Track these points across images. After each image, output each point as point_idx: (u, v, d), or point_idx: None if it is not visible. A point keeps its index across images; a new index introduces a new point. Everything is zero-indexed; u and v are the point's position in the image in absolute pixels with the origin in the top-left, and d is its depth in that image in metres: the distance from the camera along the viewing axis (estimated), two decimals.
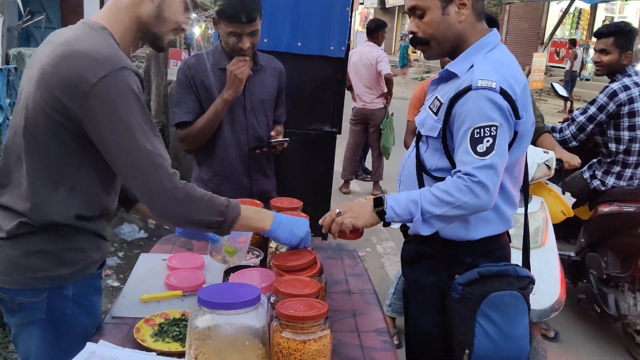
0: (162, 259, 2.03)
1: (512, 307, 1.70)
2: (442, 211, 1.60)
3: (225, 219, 1.52)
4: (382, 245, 5.04)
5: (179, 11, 1.56)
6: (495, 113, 1.58)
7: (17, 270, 1.47)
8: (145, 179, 1.41)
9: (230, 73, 2.31)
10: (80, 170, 1.47)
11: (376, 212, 1.70)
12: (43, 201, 1.45)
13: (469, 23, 1.72)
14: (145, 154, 1.40)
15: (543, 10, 19.22)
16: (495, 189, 1.59)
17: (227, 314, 1.24)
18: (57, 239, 1.48)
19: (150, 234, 4.78)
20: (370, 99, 6.20)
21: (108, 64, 1.37)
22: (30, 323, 1.51)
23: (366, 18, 30.10)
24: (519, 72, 1.69)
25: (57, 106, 1.38)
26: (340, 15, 3.75)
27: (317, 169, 3.90)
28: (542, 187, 3.25)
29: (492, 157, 1.57)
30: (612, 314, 3.30)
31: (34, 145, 1.44)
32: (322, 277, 1.64)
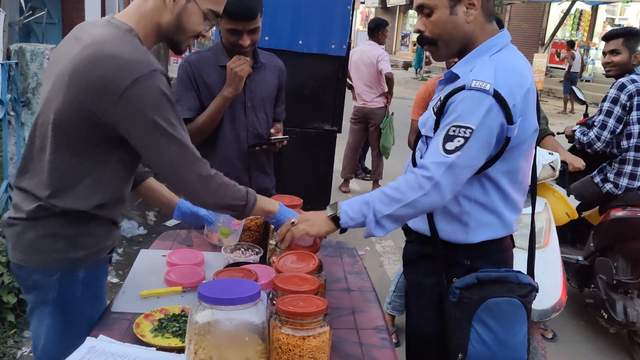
0: (162, 255, 2.03)
1: (509, 315, 1.66)
2: (392, 210, 1.58)
3: (247, 202, 1.67)
4: (381, 244, 5.04)
5: (198, 22, 1.60)
6: (476, 115, 1.54)
7: (34, 250, 1.55)
8: (184, 174, 1.54)
9: (230, 70, 2.31)
10: (107, 165, 1.55)
11: (331, 219, 1.67)
12: (66, 191, 1.52)
13: (478, 23, 1.67)
14: (180, 151, 1.51)
15: (544, 11, 19.23)
16: (448, 189, 1.56)
17: (227, 310, 1.24)
18: (73, 224, 1.55)
19: (149, 230, 4.79)
20: (371, 97, 6.20)
21: (138, 68, 1.43)
22: (42, 302, 1.59)
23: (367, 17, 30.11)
24: (524, 76, 1.64)
25: (89, 106, 1.44)
26: (341, 14, 3.76)
27: (317, 168, 3.91)
28: (546, 188, 3.26)
29: (456, 157, 1.54)
30: (619, 320, 3.24)
31: (63, 140, 1.50)
32: (321, 274, 1.64)
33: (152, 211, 5.17)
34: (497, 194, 1.69)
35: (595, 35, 18.34)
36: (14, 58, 3.13)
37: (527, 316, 1.70)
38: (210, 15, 1.61)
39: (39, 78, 3.16)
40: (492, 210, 1.70)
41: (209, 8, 1.59)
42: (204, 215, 2.01)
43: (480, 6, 1.65)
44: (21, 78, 3.14)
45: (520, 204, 1.77)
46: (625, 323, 3.24)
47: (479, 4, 1.65)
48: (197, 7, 1.57)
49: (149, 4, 1.56)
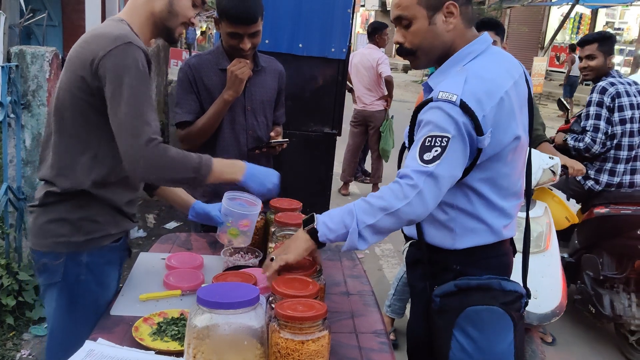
0: (161, 258, 2.03)
1: (491, 323, 1.63)
2: (375, 219, 1.52)
3: (197, 175, 1.65)
4: (380, 247, 5.04)
5: (187, 6, 1.74)
6: (449, 125, 1.52)
7: (43, 234, 1.69)
8: (128, 141, 1.56)
9: (230, 73, 2.31)
10: (101, 142, 1.64)
11: (308, 232, 1.58)
12: (68, 170, 1.64)
13: (458, 31, 1.65)
14: (133, 118, 1.55)
15: (544, 15, 19.25)
16: (431, 199, 1.52)
17: (226, 314, 1.24)
18: (76, 209, 1.67)
19: (149, 233, 4.79)
20: (371, 100, 6.22)
21: (116, 40, 1.56)
22: (50, 284, 1.71)
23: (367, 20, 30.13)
24: (499, 84, 1.58)
25: (80, 84, 1.59)
26: (341, 17, 3.75)
27: (316, 171, 3.90)
28: (546, 192, 3.26)
29: (435, 166, 1.50)
30: (607, 314, 3.34)
31: (62, 122, 1.64)
32: (321, 278, 1.64)
33: (151, 214, 5.17)
34: (480, 201, 1.65)
35: None
36: (14, 60, 3.13)
37: (514, 323, 1.66)
38: (198, 1, 1.76)
39: (39, 80, 3.16)
40: (477, 217, 1.67)
41: None
42: (215, 215, 2.03)
43: (460, 13, 1.63)
44: (21, 80, 3.14)
45: (509, 209, 1.71)
46: (612, 317, 3.35)
47: (458, 12, 1.62)
48: None
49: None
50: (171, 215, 5.19)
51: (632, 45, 15.82)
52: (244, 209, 1.95)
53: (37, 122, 3.21)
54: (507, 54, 1.74)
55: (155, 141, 1.57)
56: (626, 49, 16.67)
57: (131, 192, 1.77)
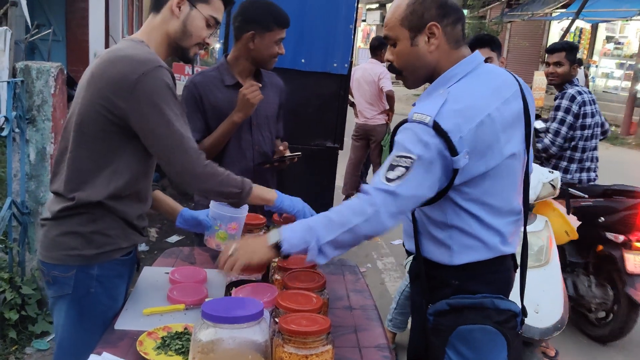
0: (165, 272, 2.04)
1: (484, 342, 1.62)
2: (335, 235, 1.53)
3: (242, 190, 1.81)
4: (382, 261, 5.04)
5: (201, 27, 1.78)
6: (416, 146, 1.51)
7: (55, 246, 1.71)
8: (180, 159, 1.68)
9: (242, 96, 2.33)
10: (122, 158, 1.70)
11: (272, 245, 1.59)
12: (86, 184, 1.68)
13: (443, 52, 1.63)
14: (179, 138, 1.66)
15: (544, 29, 19.33)
16: (388, 217, 1.52)
17: (230, 328, 1.25)
18: (89, 222, 1.70)
19: (151, 246, 4.79)
20: (372, 115, 6.25)
21: (147, 64, 1.62)
22: (60, 297, 1.74)
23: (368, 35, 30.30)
24: (480, 107, 1.56)
25: (105, 103, 1.63)
26: (343, 33, 3.80)
27: (319, 184, 3.92)
28: (546, 206, 3.27)
29: (396, 186, 1.50)
30: (571, 295, 3.65)
31: (82, 137, 1.68)
32: (324, 292, 1.65)
33: (154, 227, 5.18)
34: (472, 220, 1.64)
35: (595, 53, 18.43)
36: (19, 76, 3.16)
37: (508, 342, 1.64)
38: (212, 21, 1.80)
39: (44, 96, 3.19)
40: (472, 235, 1.65)
41: (210, 14, 1.78)
42: (203, 220, 2.05)
43: (443, 34, 1.61)
44: (26, 96, 3.17)
45: (503, 227, 1.68)
46: (575, 297, 3.72)
47: (440, 33, 1.61)
48: (200, 13, 1.76)
49: (157, 18, 1.77)
50: (173, 229, 5.20)
51: (632, 60, 15.87)
52: (232, 211, 1.95)
53: (42, 136, 3.24)
54: (499, 71, 1.72)
55: (204, 155, 1.73)
56: (626, 63, 16.72)
57: (142, 205, 1.82)
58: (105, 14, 10.95)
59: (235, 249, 1.62)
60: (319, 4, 3.74)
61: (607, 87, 17.51)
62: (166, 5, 1.74)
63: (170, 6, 1.73)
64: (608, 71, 17.68)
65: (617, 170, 9.96)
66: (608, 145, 12.91)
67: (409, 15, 1.62)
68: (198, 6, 1.75)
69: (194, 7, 1.75)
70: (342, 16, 3.78)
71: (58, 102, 3.25)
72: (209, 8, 1.78)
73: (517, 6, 18.32)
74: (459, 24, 1.65)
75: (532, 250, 3.07)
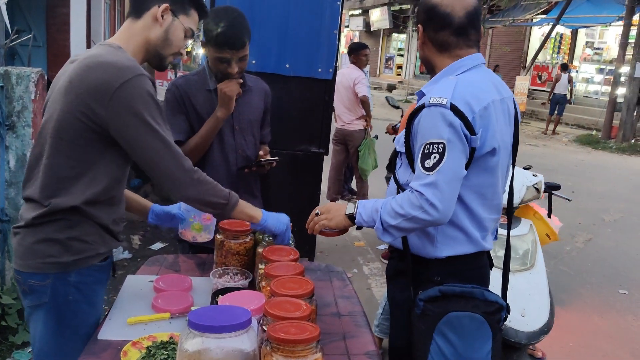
0: (149, 281, 2.00)
1: (471, 330, 1.70)
2: (396, 222, 1.68)
3: (228, 202, 1.81)
4: (368, 266, 5.03)
5: (181, 37, 1.81)
6: (444, 130, 1.63)
7: (30, 255, 1.67)
8: (167, 166, 1.67)
9: (220, 91, 2.31)
10: (100, 164, 1.68)
11: (348, 216, 1.82)
12: (62, 190, 1.64)
13: (431, 52, 1.85)
14: (164, 145, 1.65)
15: (525, 35, 19.55)
16: (443, 204, 1.63)
17: (217, 337, 1.22)
18: (65, 229, 1.66)
19: (134, 254, 4.73)
20: (350, 119, 6.24)
21: (128, 72, 1.60)
22: (37, 306, 1.69)
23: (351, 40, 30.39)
24: (485, 92, 1.73)
25: (84, 109, 1.60)
26: (328, 38, 3.79)
27: (304, 189, 3.90)
28: (528, 209, 3.28)
29: (435, 174, 1.62)
30: None
31: (59, 144, 1.64)
32: (313, 299, 1.63)
33: (136, 235, 5.12)
34: (462, 210, 1.75)
35: (575, 58, 18.68)
36: None
37: (493, 333, 1.72)
38: (189, 32, 1.83)
39: (24, 101, 3.13)
40: (457, 225, 1.77)
41: (189, 26, 1.82)
42: (177, 213, 2.08)
43: (426, 37, 1.84)
44: (6, 101, 3.11)
45: (487, 221, 1.82)
46: None
47: (422, 34, 1.85)
48: (181, 24, 1.79)
49: (138, 24, 1.76)
50: (157, 236, 5.14)
51: (611, 65, 16.10)
52: None
53: (22, 143, 3.18)
54: (497, 76, 1.88)
55: (190, 162, 1.73)
56: (606, 68, 16.96)
57: (117, 209, 1.80)
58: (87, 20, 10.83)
59: (319, 211, 1.89)
60: (304, 9, 3.73)
61: (587, 91, 17.75)
62: (148, 12, 1.74)
63: (155, 14, 1.74)
64: (588, 76, 17.92)
65: (599, 174, 10.08)
66: (590, 149, 13.09)
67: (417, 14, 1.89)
68: (180, 17, 1.78)
69: (176, 17, 1.77)
70: (326, 21, 3.77)
71: (38, 107, 3.20)
72: (188, 20, 1.82)
73: (498, 12, 18.51)
74: (445, 30, 1.79)
75: (517, 254, 3.07)
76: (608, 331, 4.11)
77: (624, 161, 11.80)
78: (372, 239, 5.64)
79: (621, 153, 12.64)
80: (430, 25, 1.81)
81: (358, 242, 5.62)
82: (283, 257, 1.84)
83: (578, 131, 15.34)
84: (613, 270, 5.36)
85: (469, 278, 1.80)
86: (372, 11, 28.07)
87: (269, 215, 1.95)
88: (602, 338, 3.99)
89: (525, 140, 13.08)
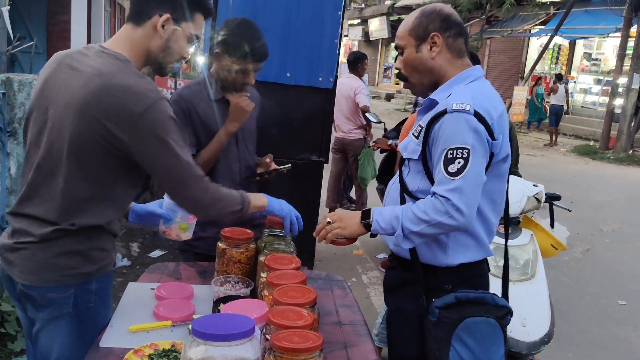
0: (151, 288, 2.00)
1: (487, 334, 1.73)
2: (419, 228, 1.69)
3: (243, 205, 1.86)
4: (367, 275, 5.03)
5: (183, 45, 1.78)
6: (468, 135, 1.66)
7: (48, 269, 1.64)
8: (191, 191, 1.70)
9: (235, 105, 2.32)
10: (118, 185, 1.70)
11: (363, 224, 1.81)
12: (81, 212, 1.64)
13: (446, 59, 1.84)
14: (186, 168, 1.68)
15: (523, 46, 19.63)
16: (469, 209, 1.65)
17: (221, 346, 1.21)
18: (85, 240, 1.67)
19: (133, 261, 4.72)
20: (349, 129, 6.25)
21: (149, 96, 1.59)
22: (56, 317, 1.68)
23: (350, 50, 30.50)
24: (498, 101, 1.78)
25: (105, 134, 1.58)
26: (328, 47, 3.81)
27: (304, 198, 3.90)
28: (529, 221, 3.29)
29: (461, 179, 1.64)
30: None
31: (77, 166, 1.61)
32: (315, 308, 1.63)
33: (135, 242, 5.11)
34: (476, 216, 1.75)
35: (573, 69, 18.75)
36: (0, 88, 3.11)
37: (504, 337, 1.76)
38: (192, 39, 1.80)
39: (26, 108, 3.14)
40: (470, 232, 1.78)
41: (192, 32, 1.79)
42: (160, 212, 2.08)
43: (444, 44, 1.83)
44: (8, 108, 3.12)
45: (494, 227, 1.86)
46: None
47: (441, 42, 1.83)
48: (183, 32, 1.75)
49: (138, 32, 1.71)
50: (155, 244, 5.13)
51: (609, 76, 16.17)
52: None
53: (23, 150, 3.18)
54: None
55: (207, 181, 1.75)
56: (604, 79, 17.04)
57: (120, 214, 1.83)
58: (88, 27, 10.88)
59: (330, 220, 1.86)
60: (305, 19, 3.75)
61: (585, 102, 17.82)
62: (149, 21, 1.69)
63: (155, 24, 1.69)
64: (586, 87, 17.99)
65: (597, 184, 10.10)
66: (588, 159, 13.12)
67: (416, 26, 1.85)
68: (182, 24, 1.73)
69: (178, 26, 1.73)
70: (327, 31, 3.80)
71: None
72: (193, 26, 1.77)
73: (496, 23, 18.59)
74: (460, 37, 1.85)
75: (518, 264, 3.08)
76: (607, 342, 4.11)
77: (622, 172, 11.84)
78: (371, 247, 5.64)
79: (619, 164, 12.68)
80: (450, 32, 1.83)
81: (357, 250, 5.62)
82: (285, 265, 1.84)
83: (576, 141, 15.38)
84: (611, 281, 5.37)
85: (476, 284, 1.83)
86: (371, 21, 28.19)
87: (272, 201, 2.02)
88: (601, 349, 3.99)
89: (524, 150, 13.09)
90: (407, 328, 1.87)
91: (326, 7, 3.78)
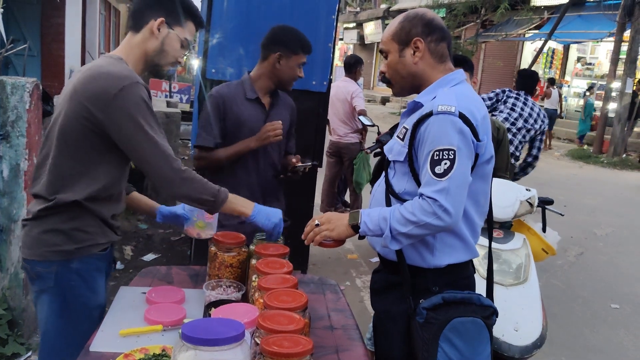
0: (142, 292, 2.00)
1: (474, 334, 1.75)
2: (407, 229, 1.70)
3: (215, 199, 1.92)
4: (361, 279, 5.02)
5: (177, 47, 1.96)
6: (454, 137, 1.68)
7: (37, 244, 1.84)
8: (159, 166, 1.80)
9: (266, 131, 2.53)
10: (101, 164, 1.83)
11: (351, 226, 1.82)
12: (67, 186, 1.80)
13: (428, 64, 1.87)
14: (156, 147, 1.79)
15: (517, 50, 19.71)
16: (455, 209, 1.67)
17: (211, 350, 1.21)
18: (68, 220, 1.83)
19: (126, 265, 4.71)
20: (345, 132, 6.23)
21: (125, 80, 1.76)
22: (43, 290, 1.86)
23: (345, 53, 30.55)
24: (481, 104, 1.81)
25: (85, 114, 1.76)
26: (322, 51, 3.81)
27: (298, 202, 3.90)
28: (521, 225, 3.29)
29: (448, 180, 1.66)
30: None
31: (64, 146, 1.80)
32: (306, 312, 1.63)
33: (128, 245, 5.10)
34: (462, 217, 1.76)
35: (567, 73, 18.84)
36: None
37: (490, 337, 1.78)
38: (185, 42, 1.97)
39: (18, 111, 3.12)
40: (456, 233, 1.81)
41: (185, 37, 1.96)
42: (182, 213, 2.22)
43: (427, 49, 1.86)
44: (0, 111, 3.11)
45: (479, 228, 1.88)
46: None
47: (423, 46, 1.85)
48: (176, 35, 1.94)
49: (137, 37, 1.92)
50: (149, 247, 5.12)
51: (602, 80, 16.25)
52: None
53: (16, 153, 3.17)
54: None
55: (181, 163, 1.85)
56: (597, 83, 17.12)
57: (116, 206, 1.95)
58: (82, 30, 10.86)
59: (319, 222, 1.86)
60: (299, 22, 3.74)
61: (579, 106, 17.89)
62: (146, 26, 1.90)
63: (151, 27, 1.90)
64: (580, 91, 18.06)
65: (591, 188, 10.14)
66: (582, 163, 13.17)
67: (399, 31, 1.88)
68: (175, 29, 1.93)
69: (171, 29, 1.92)
70: (321, 34, 3.80)
71: (33, 117, 3.19)
72: (184, 31, 1.96)
73: (491, 27, 18.67)
74: (443, 41, 1.88)
75: (510, 268, 3.08)
76: (600, 345, 4.12)
77: (615, 176, 11.88)
78: (365, 251, 5.64)
79: (612, 167, 12.73)
80: (432, 37, 1.86)
81: (351, 254, 5.62)
82: (276, 269, 1.84)
83: (570, 145, 15.43)
84: (604, 284, 5.38)
85: (462, 285, 1.85)
86: (366, 24, 28.25)
87: (259, 212, 2.05)
88: (594, 352, 4.00)
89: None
90: (394, 330, 1.88)
91: (320, 11, 3.78)
